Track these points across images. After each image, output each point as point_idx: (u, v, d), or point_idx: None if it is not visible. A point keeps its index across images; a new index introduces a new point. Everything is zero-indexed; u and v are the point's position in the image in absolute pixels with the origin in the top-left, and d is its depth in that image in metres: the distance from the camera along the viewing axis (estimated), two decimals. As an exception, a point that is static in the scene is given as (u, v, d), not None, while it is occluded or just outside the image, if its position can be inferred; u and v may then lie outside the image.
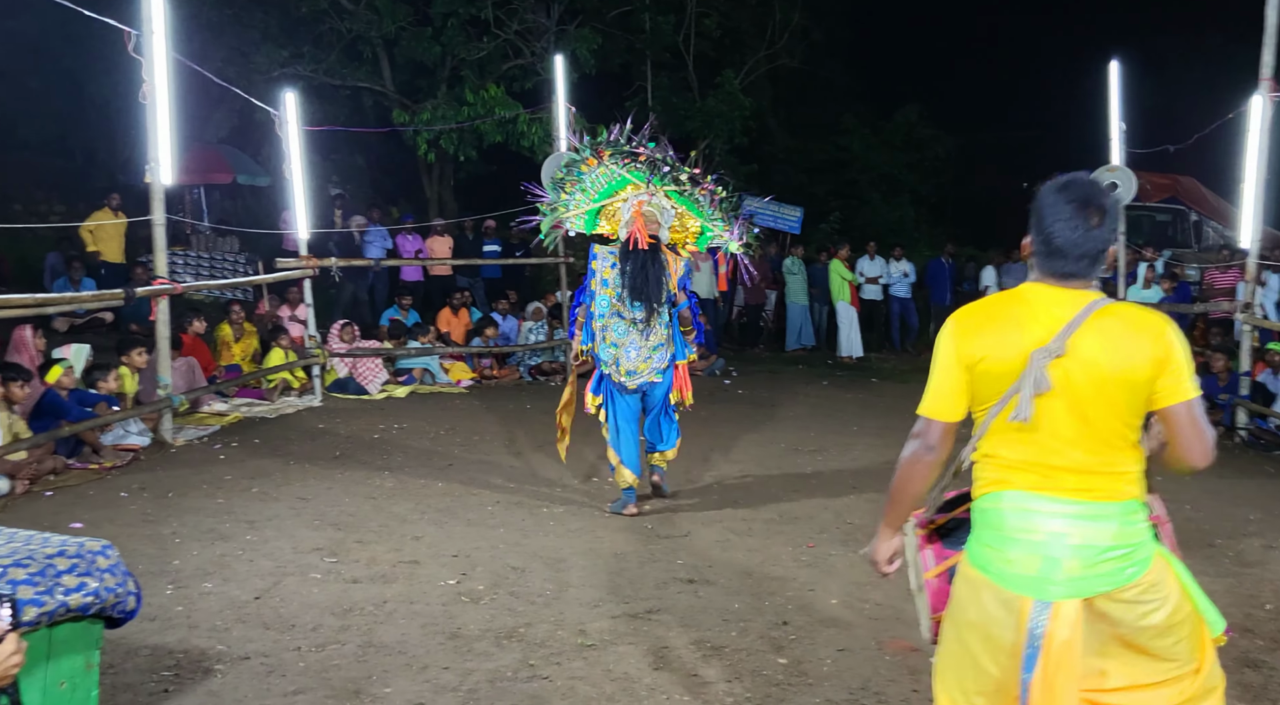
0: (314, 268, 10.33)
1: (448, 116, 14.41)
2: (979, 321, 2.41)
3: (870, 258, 15.28)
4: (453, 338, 12.26)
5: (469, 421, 9.31)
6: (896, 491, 2.57)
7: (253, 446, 8.09)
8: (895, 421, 9.54)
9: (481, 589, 4.99)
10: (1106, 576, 2.27)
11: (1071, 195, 2.32)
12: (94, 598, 3.01)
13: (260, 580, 5.01)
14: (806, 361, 14.06)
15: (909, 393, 10.61)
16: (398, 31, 15.43)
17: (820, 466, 7.74)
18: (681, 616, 4.69)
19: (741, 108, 17.48)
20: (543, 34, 16.39)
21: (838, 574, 5.30)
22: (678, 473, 7.41)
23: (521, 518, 6.27)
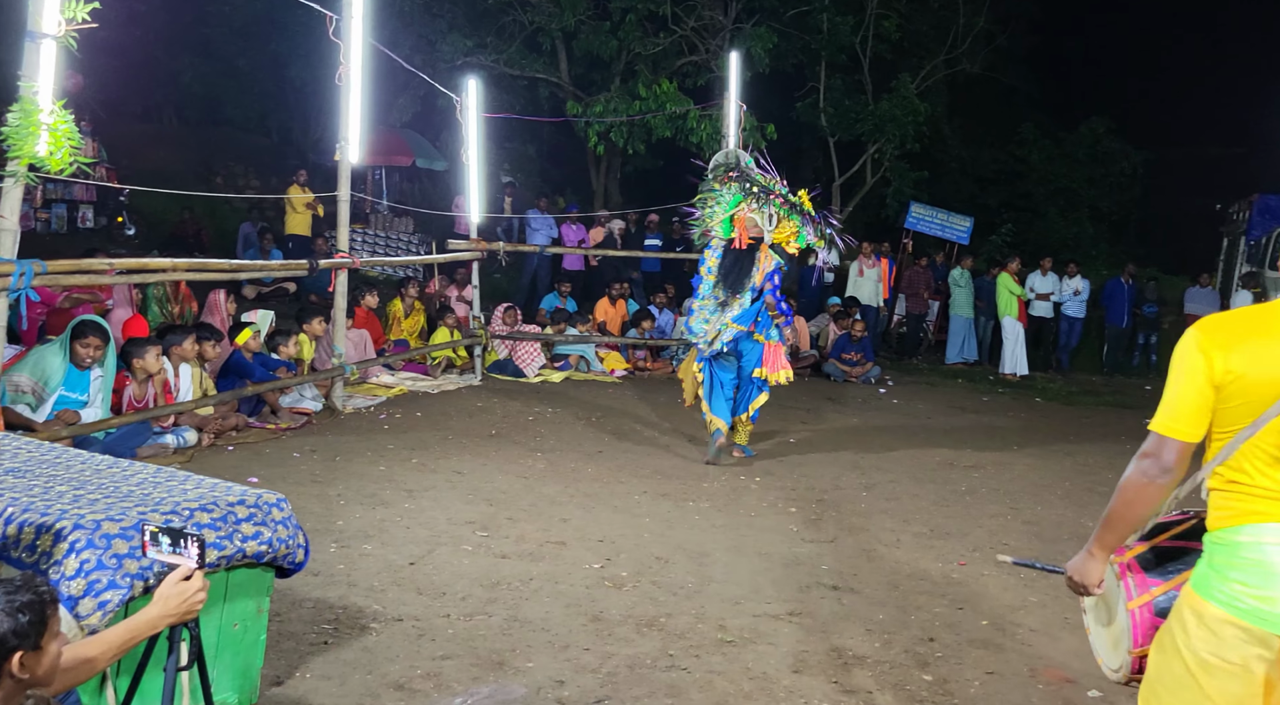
0: (482, 251, 10.65)
1: (619, 110, 14.62)
2: (1234, 334, 2.20)
3: (1043, 273, 14.67)
4: (609, 328, 12.43)
5: (620, 410, 9.43)
6: (1117, 513, 2.36)
7: (415, 419, 8.42)
8: (1059, 444, 9.23)
9: (625, 575, 5.04)
10: None
11: None
12: (268, 547, 3.19)
13: (416, 547, 5.20)
14: (967, 376, 13.62)
15: (1075, 416, 10.23)
16: (577, 24, 15.76)
17: (976, 484, 7.49)
18: (824, 622, 4.62)
19: (915, 113, 17.06)
20: (719, 31, 16.42)
21: (989, 595, 5.12)
22: (827, 479, 7.32)
23: (667, 509, 6.31)
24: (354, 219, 11.67)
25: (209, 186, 15.52)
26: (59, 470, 3.26)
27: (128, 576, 2.76)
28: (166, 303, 8.87)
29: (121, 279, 7.15)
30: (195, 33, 18.31)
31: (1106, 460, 8.72)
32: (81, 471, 3.28)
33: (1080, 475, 7.99)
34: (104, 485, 3.14)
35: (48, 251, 6.67)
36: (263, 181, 17.39)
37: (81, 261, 6.33)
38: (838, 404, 10.72)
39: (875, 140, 17.78)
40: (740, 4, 16.63)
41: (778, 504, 6.60)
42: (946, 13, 18.79)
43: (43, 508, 2.85)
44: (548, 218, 14.22)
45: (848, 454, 8.21)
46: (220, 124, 19.87)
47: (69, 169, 5.16)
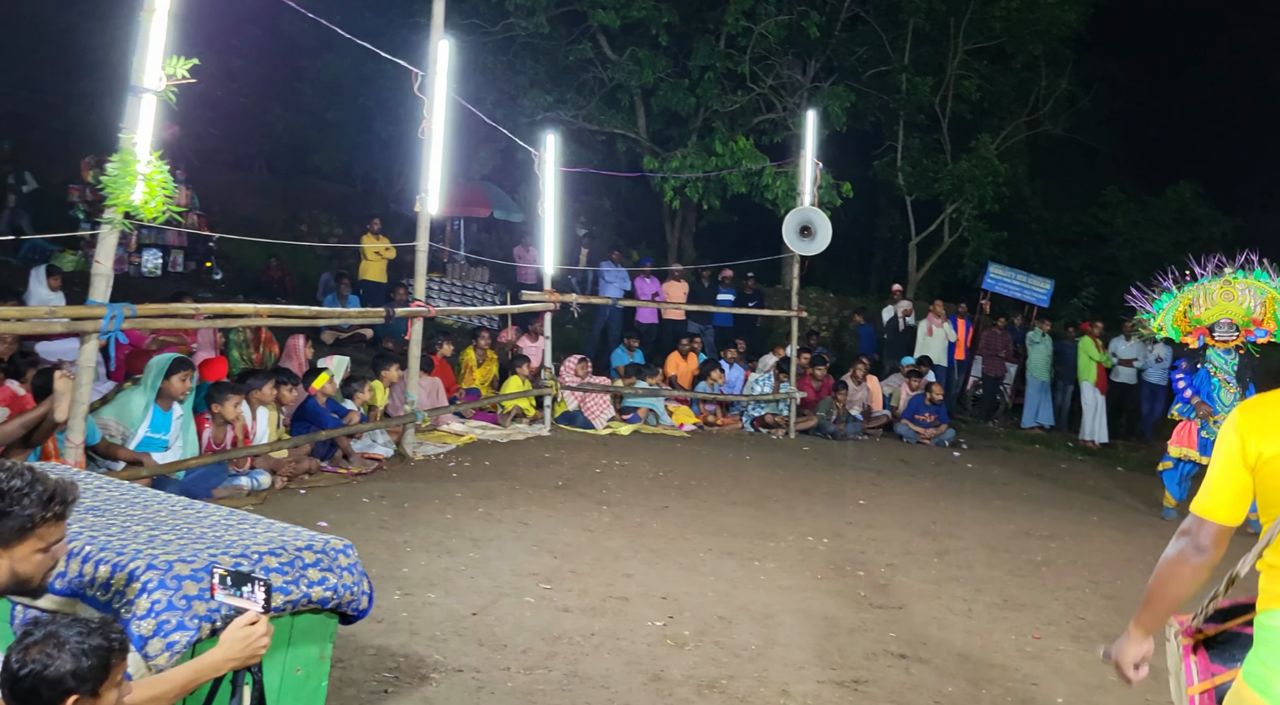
0: (555, 302, 10.76)
1: (695, 165, 14.76)
2: (1266, 415, 2.18)
3: (1126, 338, 14.30)
4: (679, 381, 12.41)
5: (688, 466, 9.37)
6: (1155, 592, 2.36)
7: (483, 468, 8.47)
8: (1144, 516, 8.93)
9: (687, 634, 4.97)
10: None
11: None
12: (333, 593, 3.21)
13: (479, 597, 5.20)
14: (1045, 441, 13.29)
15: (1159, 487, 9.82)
16: (656, 81, 15.99)
17: (1052, 555, 7.25)
18: (891, 691, 4.49)
19: (995, 173, 16.89)
20: (796, 90, 16.54)
21: (1065, 672, 4.93)
22: (897, 543, 7.17)
23: (732, 568, 6.23)
24: (431, 268, 11.91)
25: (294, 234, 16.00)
26: (136, 510, 3.33)
27: (196, 618, 2.80)
28: (247, 347, 9.11)
29: (206, 323, 7.36)
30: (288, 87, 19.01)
31: (1191, 534, 8.42)
32: (157, 512, 3.35)
33: (1163, 548, 7.69)
34: (178, 526, 3.20)
35: (139, 295, 6.93)
36: (346, 230, 17.87)
37: (169, 306, 6.54)
38: (910, 466, 10.52)
39: (953, 200, 17.63)
40: (819, 64, 16.75)
41: (845, 567, 6.47)
42: (1028, 74, 18.66)
43: (119, 547, 2.92)
44: (621, 270, 14.33)
45: (919, 518, 8.03)
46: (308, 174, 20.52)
47: (162, 216, 5.35)
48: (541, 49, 16.34)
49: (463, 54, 11.21)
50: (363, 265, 14.17)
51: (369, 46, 7.47)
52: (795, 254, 11.75)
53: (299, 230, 17.22)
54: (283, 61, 18.48)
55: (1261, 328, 8.39)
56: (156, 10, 5.30)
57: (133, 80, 5.29)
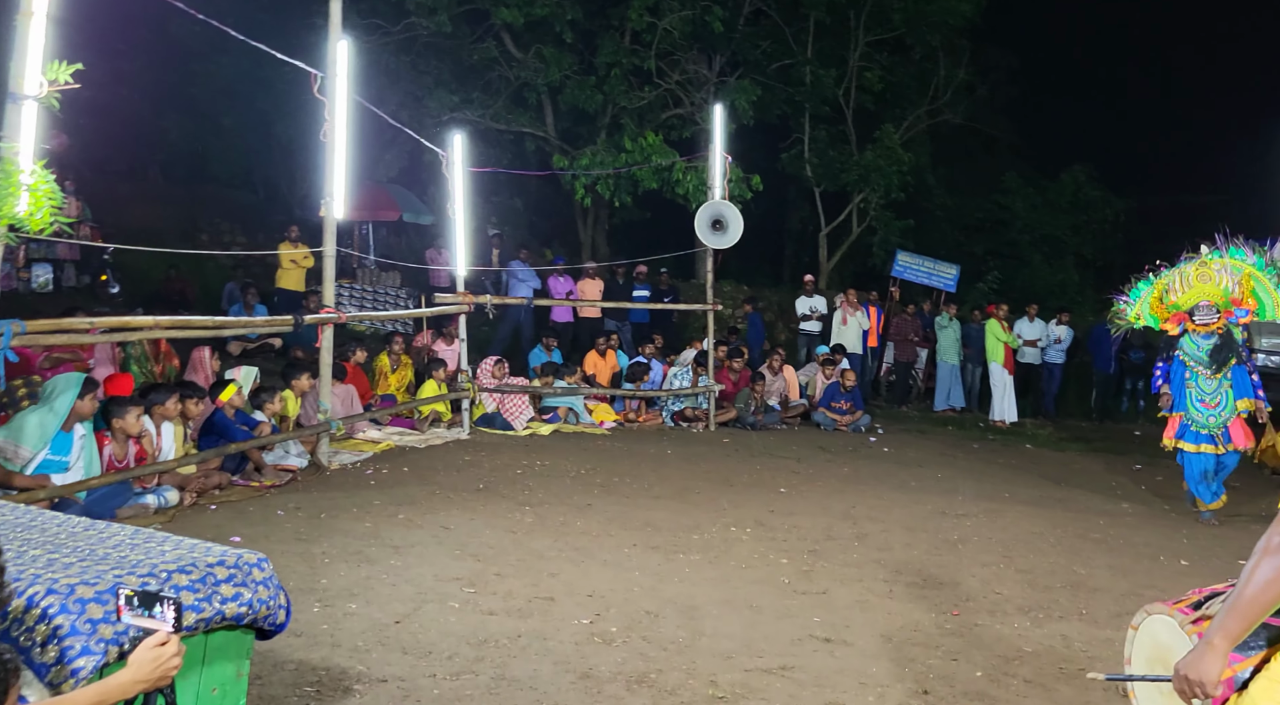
0: (469, 304, 10.65)
1: (605, 162, 14.74)
2: None
3: (1030, 320, 14.73)
4: (598, 380, 12.40)
5: (610, 463, 9.36)
6: (1249, 602, 2.11)
7: (402, 474, 8.34)
8: (1053, 491, 9.18)
9: (615, 631, 4.96)
10: None
11: None
12: (248, 608, 3.11)
13: (402, 605, 5.11)
14: (957, 423, 13.60)
15: (1067, 461, 10.18)
16: (562, 79, 15.93)
17: (968, 533, 7.42)
18: (817, 675, 4.54)
19: (900, 163, 17.25)
20: (703, 85, 16.64)
21: (985, 645, 5.05)
22: (819, 529, 7.25)
23: (658, 562, 6.23)
24: (341, 274, 11.67)
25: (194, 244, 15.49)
26: (34, 534, 3.19)
27: (102, 642, 2.68)
28: (147, 361, 8.81)
29: (103, 338, 7.10)
30: (181, 92, 18.45)
31: (1098, 507, 8.69)
32: (56, 535, 3.21)
33: (1073, 523, 7.94)
34: (79, 548, 3.07)
35: (28, 312, 6.64)
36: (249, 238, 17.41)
37: (62, 321, 6.29)
38: (828, 453, 10.67)
39: (860, 190, 17.95)
40: (724, 58, 16.87)
41: (769, 555, 6.53)
42: (928, 64, 19.08)
43: (15, 573, 2.78)
44: (530, 269, 14.21)
45: (839, 504, 8.15)
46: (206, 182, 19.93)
47: (49, 228, 5.14)
48: (445, 48, 16.14)
49: (364, 55, 11.01)
50: (279, 274, 13.82)
51: (264, 48, 7.27)
52: (708, 248, 11.82)
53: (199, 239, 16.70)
54: (174, 65, 17.92)
55: (1242, 307, 8.04)
56: (34, 13, 5.08)
57: (11, 87, 5.07)
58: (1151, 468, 10.80)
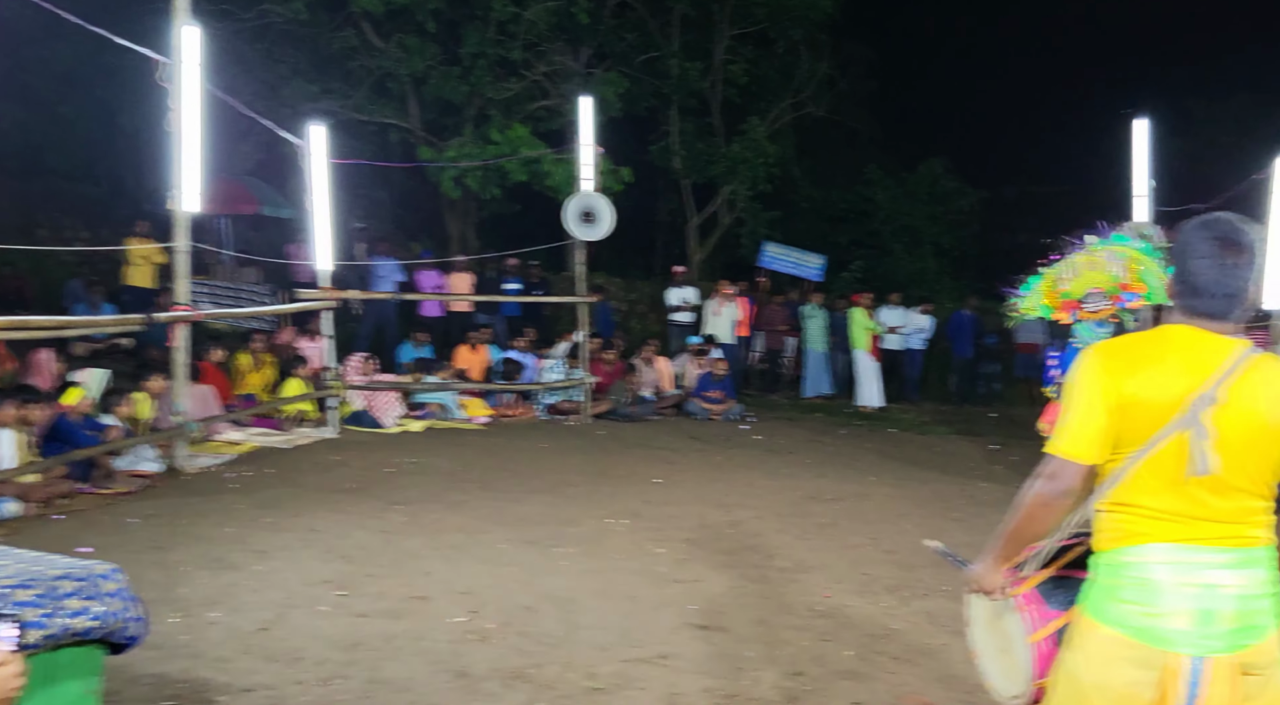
0: (334, 300, 10.35)
1: (473, 155, 14.54)
2: (1130, 358, 2.26)
3: (892, 307, 15.20)
4: (470, 374, 12.23)
5: (484, 458, 9.24)
6: (1017, 529, 2.38)
7: (266, 477, 8.05)
8: (916, 472, 9.49)
9: (491, 628, 4.89)
10: (1257, 628, 2.18)
11: (1213, 232, 2.26)
12: (98, 622, 2.94)
13: (267, 611, 4.93)
14: (825, 409, 13.95)
15: (929, 444, 10.52)
16: (426, 70, 15.61)
17: (837, 516, 7.62)
18: (693, 663, 4.58)
19: (765, 155, 17.56)
20: (570, 76, 16.56)
21: (854, 625, 5.18)
22: (693, 518, 7.32)
23: (534, 557, 6.18)
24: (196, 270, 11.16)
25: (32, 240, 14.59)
26: None
27: (-69, 666, 2.48)
28: (-19, 364, 8.27)
29: (-68, 340, 6.62)
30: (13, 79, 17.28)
31: (958, 487, 9.03)
32: (-123, 552, 2.96)
33: (934, 502, 8.24)
34: (-96, 566, 2.84)
35: None
36: (93, 233, 16.48)
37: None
38: (702, 442, 10.79)
39: (728, 182, 18.20)
40: (591, 50, 16.83)
41: (645, 545, 6.55)
42: (790, 58, 19.46)
43: None
44: (393, 262, 13.85)
45: (713, 492, 8.24)
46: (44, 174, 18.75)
47: None
48: (302, 37, 15.60)
49: (216, 41, 10.55)
50: (128, 271, 13.10)
51: (104, 33, 6.87)
52: (579, 240, 11.79)
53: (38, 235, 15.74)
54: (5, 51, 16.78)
55: (1131, 291, 7.98)
56: None
57: None
58: (1007, 448, 11.30)
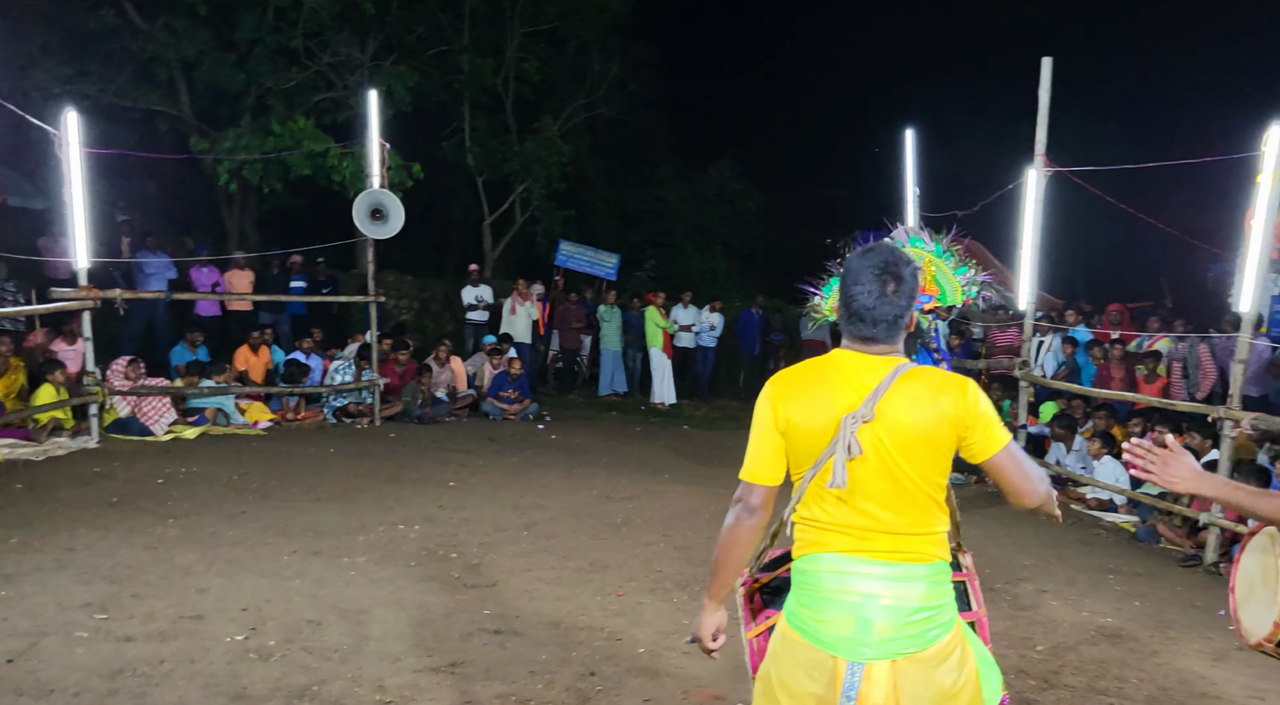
0: (95, 299, 9.58)
1: (252, 146, 13.78)
2: (792, 386, 2.41)
3: (684, 306, 15.54)
4: (251, 376, 11.61)
5: (266, 465, 8.79)
6: (720, 561, 2.50)
7: (14, 493, 7.35)
8: (706, 469, 9.73)
9: (272, 645, 4.65)
10: (914, 637, 2.30)
11: (871, 262, 2.37)
12: None
13: (15, 641, 4.49)
14: (621, 408, 14.09)
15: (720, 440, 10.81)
16: (198, 55, 14.66)
17: (630, 515, 7.70)
18: (486, 669, 4.50)
19: (560, 154, 17.56)
20: (356, 68, 15.99)
21: (646, 622, 5.24)
22: (488, 521, 7.22)
23: (320, 568, 5.92)
24: (-70, 266, 10.09)
25: None
26: None
27: None
28: None
29: None
30: None
31: (747, 479, 9.30)
32: None
33: (724, 498, 8.29)
34: None
35: None
36: None
37: None
38: (497, 443, 10.67)
39: (522, 180, 18.09)
40: (378, 41, 16.30)
41: (438, 551, 6.41)
42: (582, 58, 19.55)
43: None
44: (163, 258, 12.92)
45: (508, 494, 8.16)
46: None
47: None
48: (52, 14, 14.31)
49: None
50: None
51: None
52: (369, 238, 11.40)
53: None
54: None
55: (925, 293, 7.89)
56: None
57: None
58: (792, 440, 11.75)
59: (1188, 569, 7.14)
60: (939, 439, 2.30)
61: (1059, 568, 6.84)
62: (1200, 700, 4.64)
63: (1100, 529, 8.32)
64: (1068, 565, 6.92)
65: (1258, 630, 2.81)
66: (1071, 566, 6.89)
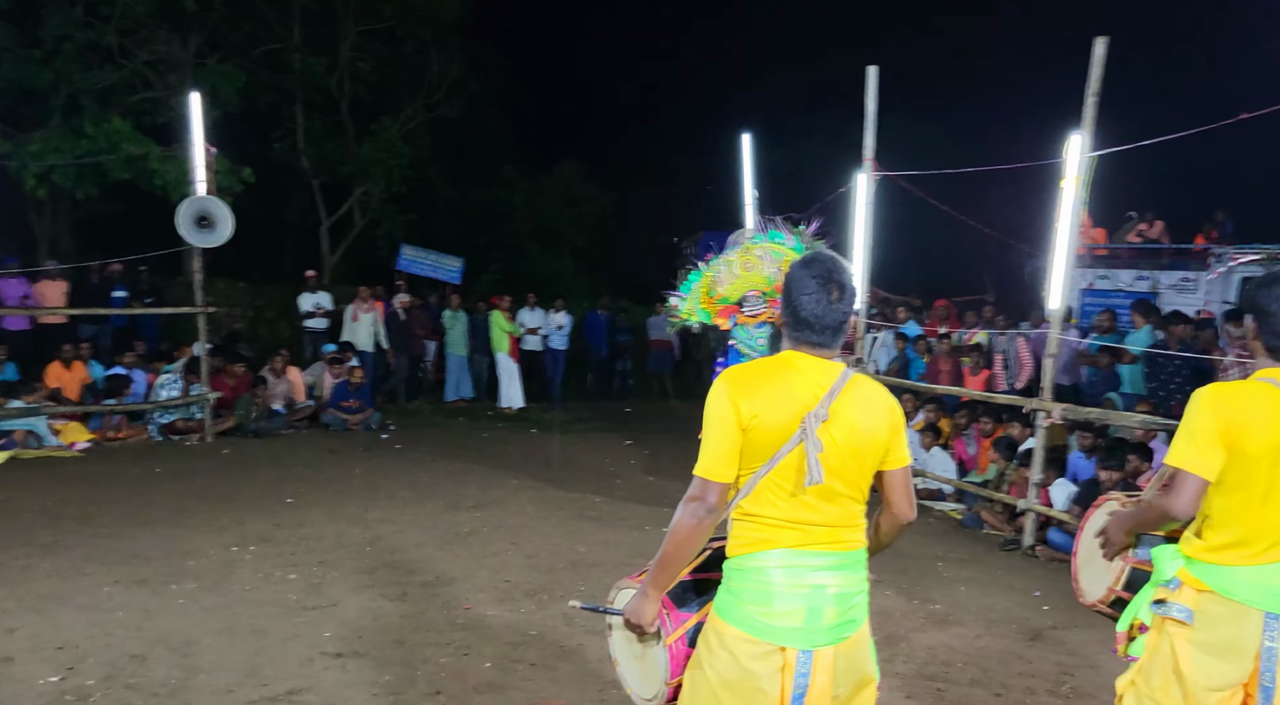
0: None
1: (63, 149, 12.94)
2: (752, 384, 2.46)
3: (530, 309, 15.45)
4: (66, 394, 10.91)
5: (84, 490, 8.28)
6: (672, 557, 2.52)
7: None
8: (555, 474, 9.70)
9: (91, 684, 4.39)
10: (852, 622, 2.46)
11: (815, 272, 2.49)
12: None
13: None
14: (468, 413, 13.90)
15: (567, 444, 10.78)
16: (-1, 52, 13.70)
17: (478, 524, 7.60)
18: (327, 694, 4.37)
19: (400, 155, 17.21)
20: (178, 66, 15.24)
21: (494, 635, 5.18)
22: (329, 538, 7.00)
23: (145, 598, 5.62)
24: None
25: None
26: None
27: None
28: None
29: None
30: None
31: (594, 484, 9.34)
32: None
33: (572, 503, 8.45)
34: None
35: None
36: None
37: None
38: (339, 455, 10.36)
39: (361, 182, 17.63)
40: (201, 39, 15.57)
41: (275, 573, 6.17)
42: (421, 57, 19.20)
43: None
44: None
45: (351, 508, 7.93)
46: None
47: None
48: None
49: None
50: None
51: None
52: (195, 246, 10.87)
53: None
54: None
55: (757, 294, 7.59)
56: None
57: None
58: (640, 443, 11.86)
59: (1008, 553, 7.55)
60: (879, 442, 2.48)
61: (893, 557, 7.12)
62: (1017, 679, 4.90)
63: (931, 518, 8.71)
64: (901, 554, 7.21)
65: (1094, 592, 3.09)
66: (904, 555, 7.19)
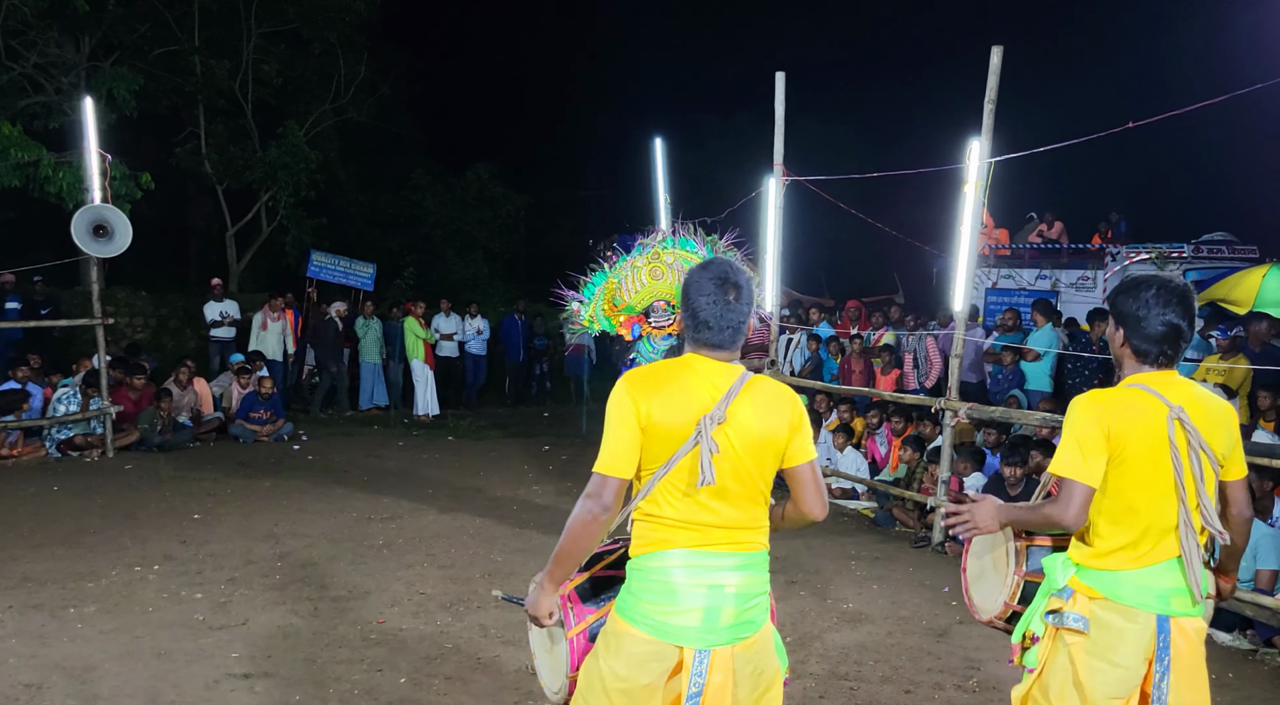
0: None
1: (-54, 155, 12.41)
2: (651, 385, 2.49)
3: (445, 314, 15.27)
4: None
5: (-26, 512, 7.94)
6: (566, 551, 2.53)
7: None
8: (471, 481, 9.62)
9: (-19, 720, 4.20)
10: (750, 623, 2.49)
11: (712, 274, 2.55)
12: None
13: None
14: (382, 421, 13.69)
15: (484, 451, 10.69)
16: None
17: (393, 535, 7.49)
18: (234, 720, 4.26)
19: (307, 160, 16.84)
20: (71, 69, 14.71)
21: (409, 649, 5.11)
22: (237, 554, 6.83)
23: (41, 622, 5.41)
24: None
25: None
26: None
27: None
28: None
29: None
30: None
31: (511, 491, 9.29)
32: None
33: (489, 511, 8.38)
34: None
35: None
36: None
37: None
38: (248, 468, 10.10)
39: (267, 188, 17.24)
40: (95, 40, 15.04)
41: (180, 593, 5.99)
42: (328, 60, 18.84)
43: None
44: None
45: (260, 523, 7.75)
46: None
47: None
48: None
49: None
50: None
51: None
52: (91, 255, 10.51)
53: None
54: None
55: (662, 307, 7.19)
56: None
57: None
58: (558, 447, 11.82)
59: (919, 550, 7.72)
60: (777, 442, 2.52)
61: (808, 557, 7.22)
62: (926, 675, 5.02)
63: (845, 516, 8.85)
64: (815, 554, 7.31)
65: (990, 608, 3.13)
66: (819, 555, 7.30)
